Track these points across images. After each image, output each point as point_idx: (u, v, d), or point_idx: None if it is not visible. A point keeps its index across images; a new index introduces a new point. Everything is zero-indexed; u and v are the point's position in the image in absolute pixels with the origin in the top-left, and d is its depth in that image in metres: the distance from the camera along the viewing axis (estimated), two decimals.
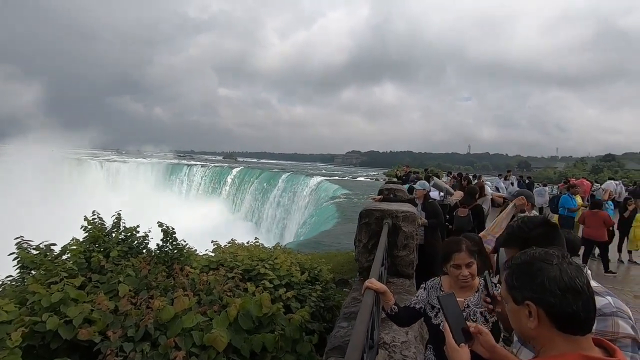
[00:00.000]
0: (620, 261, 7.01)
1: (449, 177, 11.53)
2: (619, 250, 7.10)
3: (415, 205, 4.40)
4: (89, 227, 4.73)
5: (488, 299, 1.42)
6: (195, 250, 6.08)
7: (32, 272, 4.24)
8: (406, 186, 7.24)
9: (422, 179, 8.01)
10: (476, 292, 1.64)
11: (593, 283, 1.16)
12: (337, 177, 36.71)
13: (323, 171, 49.30)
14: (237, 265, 4.76)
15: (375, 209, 3.14)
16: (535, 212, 3.14)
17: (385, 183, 8.50)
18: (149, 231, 5.23)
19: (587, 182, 13.23)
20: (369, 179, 38.79)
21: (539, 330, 0.84)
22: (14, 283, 4.13)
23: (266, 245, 6.63)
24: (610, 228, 6.33)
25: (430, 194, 5.60)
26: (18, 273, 4.36)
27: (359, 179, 40.30)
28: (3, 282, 4.17)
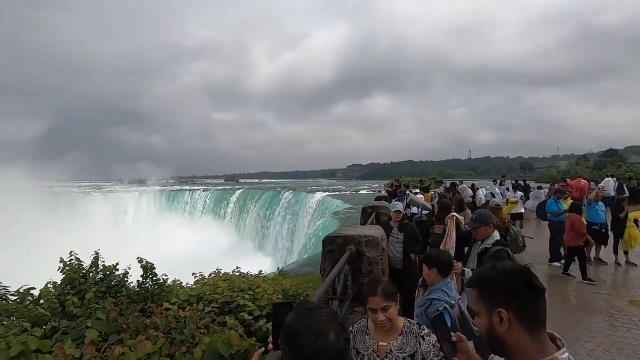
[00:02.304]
0: (618, 263, 6.77)
1: (442, 186, 11.35)
2: (615, 252, 6.89)
3: (391, 227, 4.29)
4: (66, 268, 4.68)
5: (453, 337, 1.23)
6: (180, 282, 6.02)
7: (5, 321, 4.19)
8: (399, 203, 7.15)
9: (414, 193, 7.92)
10: (400, 335, 1.56)
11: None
12: (338, 192, 36.60)
13: (325, 186, 49.20)
14: (216, 299, 4.68)
15: (337, 235, 3.08)
16: (496, 236, 2.94)
17: (376, 199, 8.40)
18: (129, 268, 5.18)
19: (584, 181, 12.97)
20: (370, 192, 38.63)
21: None
22: None
23: (268, 267, 6.54)
24: (584, 232, 6.09)
25: (411, 209, 5.52)
26: None
27: (361, 192, 40.19)
28: None
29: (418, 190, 10.96)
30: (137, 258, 5.20)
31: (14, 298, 4.71)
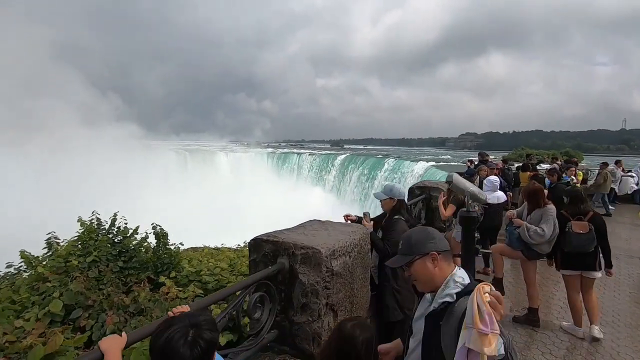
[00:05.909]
0: None
1: (551, 165, 8.15)
2: None
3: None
4: (83, 229, 4.72)
5: None
6: (207, 248, 5.74)
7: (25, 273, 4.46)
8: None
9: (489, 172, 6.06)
10: None
11: None
12: (445, 163, 33.14)
13: (432, 156, 45.34)
14: (209, 281, 4.14)
15: (265, 239, 1.95)
16: (459, 277, 1.23)
17: (445, 179, 6.50)
18: (146, 235, 5.03)
19: None
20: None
21: None
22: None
23: None
24: None
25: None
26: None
27: None
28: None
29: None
30: (152, 224, 5.01)
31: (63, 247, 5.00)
